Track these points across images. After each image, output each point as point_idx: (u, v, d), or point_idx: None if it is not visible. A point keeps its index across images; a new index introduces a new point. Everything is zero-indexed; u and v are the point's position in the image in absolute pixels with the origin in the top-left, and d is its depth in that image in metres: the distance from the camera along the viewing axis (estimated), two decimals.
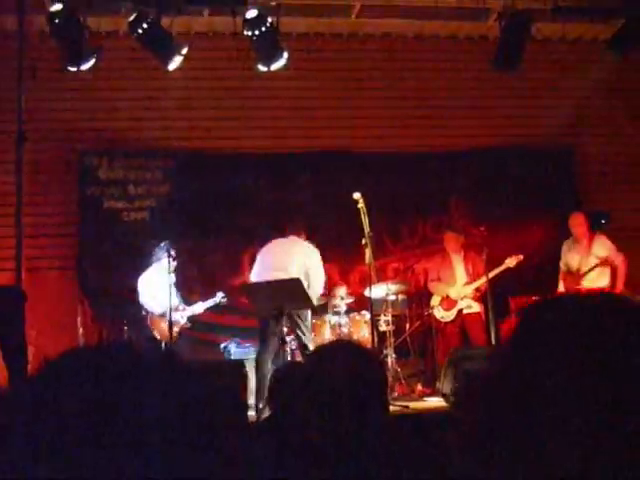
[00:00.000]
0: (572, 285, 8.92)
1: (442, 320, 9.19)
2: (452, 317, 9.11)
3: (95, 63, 8.50)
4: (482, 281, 8.90)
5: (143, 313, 8.77)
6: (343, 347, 2.59)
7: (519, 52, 9.06)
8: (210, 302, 8.99)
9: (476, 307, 9.07)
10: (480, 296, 9.05)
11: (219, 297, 8.95)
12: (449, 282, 9.21)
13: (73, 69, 8.45)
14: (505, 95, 10.98)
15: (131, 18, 8.35)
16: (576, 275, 8.92)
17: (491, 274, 8.73)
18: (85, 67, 8.45)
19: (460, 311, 9.08)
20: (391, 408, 4.76)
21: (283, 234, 8.31)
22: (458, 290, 9.11)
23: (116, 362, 0.90)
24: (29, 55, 8.13)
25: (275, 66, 8.74)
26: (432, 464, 2.44)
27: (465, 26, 10.78)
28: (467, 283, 9.11)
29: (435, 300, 9.30)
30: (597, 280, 8.80)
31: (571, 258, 9.02)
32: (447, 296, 9.16)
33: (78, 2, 8.36)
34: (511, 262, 8.98)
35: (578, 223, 8.99)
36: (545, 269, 9.79)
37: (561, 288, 9.08)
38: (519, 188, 10.72)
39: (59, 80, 9.72)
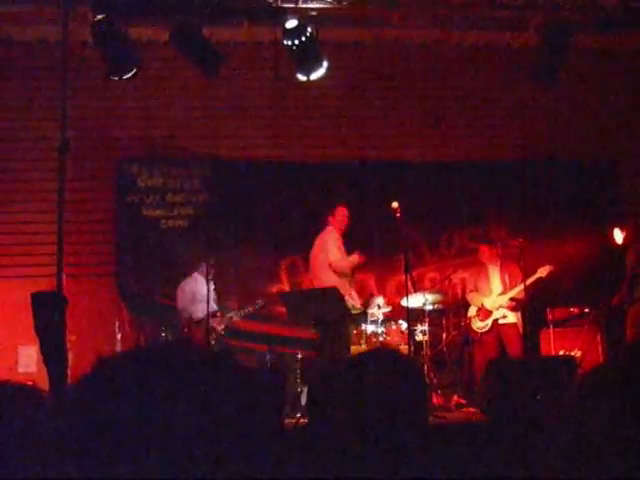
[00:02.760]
0: (625, 294, 8.81)
1: (479, 331, 9.14)
2: (488, 327, 9.06)
3: (136, 72, 8.59)
4: (516, 291, 8.85)
5: (180, 320, 8.85)
6: (383, 355, 2.59)
7: (558, 63, 9.00)
8: (249, 309, 9.03)
9: (512, 317, 9.01)
10: (516, 306, 8.99)
11: (258, 304, 8.99)
12: (485, 292, 9.17)
13: (115, 78, 8.55)
14: (544, 106, 10.91)
15: (172, 28, 8.43)
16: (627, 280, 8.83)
17: (525, 283, 8.71)
18: (126, 76, 8.54)
19: (495, 321, 9.02)
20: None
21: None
22: (493, 300, 9.06)
23: (172, 361, 0.91)
24: (72, 66, 8.23)
25: (315, 75, 8.76)
26: (469, 474, 2.44)
27: (504, 36, 10.73)
28: (502, 293, 9.06)
29: (472, 311, 9.26)
30: None
31: (628, 266, 8.94)
32: (483, 306, 9.11)
33: (120, 12, 8.46)
34: (542, 272, 8.92)
35: (627, 231, 8.96)
36: (583, 280, 9.70)
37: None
38: (558, 199, 10.64)
39: (100, 89, 9.86)
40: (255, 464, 0.89)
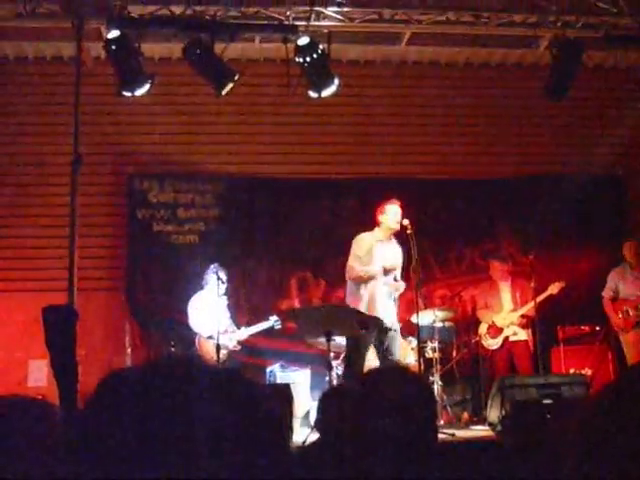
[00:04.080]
0: (630, 313, 8.79)
1: (489, 348, 9.11)
2: (498, 344, 9.04)
3: (149, 88, 8.64)
4: (527, 308, 8.83)
5: (192, 335, 8.85)
6: (393, 372, 2.59)
7: (570, 80, 9.00)
8: (263, 325, 9.02)
9: (522, 334, 8.98)
10: (527, 323, 8.96)
11: (272, 320, 8.97)
12: (495, 309, 9.15)
13: (127, 94, 8.60)
14: (555, 123, 10.92)
15: (185, 44, 8.49)
16: (636, 302, 8.79)
17: (536, 300, 8.70)
18: (139, 92, 8.59)
19: (506, 338, 9.00)
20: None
21: None
22: (504, 317, 9.04)
23: (176, 378, 0.92)
24: (85, 81, 8.29)
25: (326, 93, 8.78)
26: None
27: (515, 53, 10.77)
28: (513, 310, 9.03)
29: (482, 328, 9.24)
30: None
31: (625, 286, 8.90)
32: (493, 323, 9.09)
33: (133, 29, 8.53)
34: (553, 289, 8.91)
35: (633, 249, 8.93)
36: (594, 298, 9.66)
37: (615, 318, 8.95)
38: (568, 216, 10.61)
39: (113, 105, 9.91)
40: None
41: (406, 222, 7.84)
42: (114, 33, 8.28)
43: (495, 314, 9.10)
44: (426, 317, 8.69)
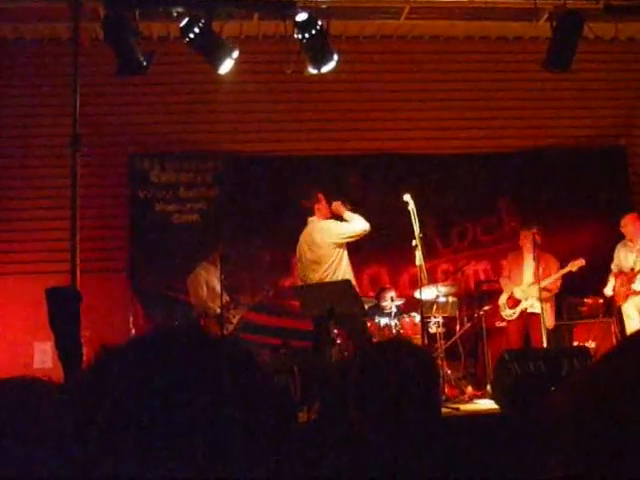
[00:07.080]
0: (624, 285, 8.82)
1: (506, 318, 9.12)
2: (515, 315, 9.02)
3: (147, 68, 8.59)
4: (548, 281, 8.80)
5: (194, 314, 8.87)
6: (396, 346, 2.59)
7: (571, 52, 8.94)
8: (259, 298, 9.07)
9: (539, 307, 8.95)
10: (549, 297, 8.93)
11: (266, 290, 9.05)
12: (516, 281, 9.13)
13: (127, 74, 8.56)
14: (556, 95, 10.87)
15: (182, 23, 8.43)
16: (630, 275, 8.81)
17: (555, 276, 8.72)
18: (138, 72, 8.55)
19: (524, 310, 8.97)
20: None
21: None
22: (523, 289, 9.01)
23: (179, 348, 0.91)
24: (83, 62, 8.26)
25: (325, 69, 8.74)
26: (482, 465, 2.44)
27: (515, 26, 10.68)
28: (534, 283, 8.98)
29: (503, 297, 9.22)
30: None
31: (625, 258, 8.91)
32: (512, 294, 9.08)
33: (131, 8, 8.48)
34: (573, 266, 8.89)
35: (628, 223, 8.91)
36: (597, 270, 9.67)
37: (608, 289, 8.99)
38: (570, 189, 10.60)
39: (111, 84, 9.87)
40: (263, 459, 0.88)
41: (407, 197, 7.81)
42: (111, 13, 8.23)
43: (515, 285, 9.09)
44: (429, 292, 8.70)
